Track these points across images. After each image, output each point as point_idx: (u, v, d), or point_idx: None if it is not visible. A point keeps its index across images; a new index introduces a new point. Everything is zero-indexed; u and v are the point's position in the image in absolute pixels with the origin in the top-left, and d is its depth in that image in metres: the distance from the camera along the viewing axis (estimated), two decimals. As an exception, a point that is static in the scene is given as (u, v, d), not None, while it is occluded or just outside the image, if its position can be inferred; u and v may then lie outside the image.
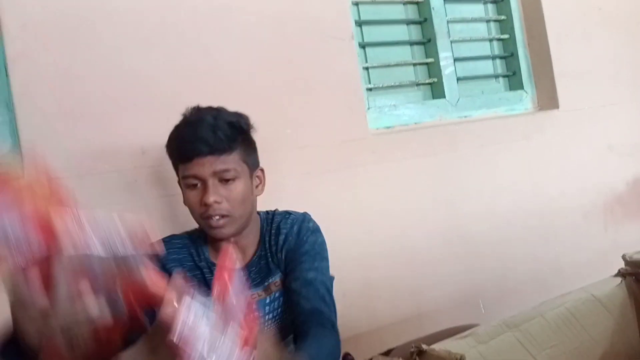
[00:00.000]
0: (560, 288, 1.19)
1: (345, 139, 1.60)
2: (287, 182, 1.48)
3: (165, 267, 1.10)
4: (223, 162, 1.05)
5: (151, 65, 1.36)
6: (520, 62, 2.00)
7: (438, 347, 0.84)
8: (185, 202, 1.09)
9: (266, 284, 1.13)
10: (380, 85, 1.77)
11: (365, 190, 1.62)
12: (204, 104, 1.11)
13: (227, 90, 1.42)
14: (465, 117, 1.89)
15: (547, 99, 1.98)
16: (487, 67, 2.01)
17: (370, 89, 1.75)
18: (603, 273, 1.17)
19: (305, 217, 1.18)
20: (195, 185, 1.06)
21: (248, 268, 1.14)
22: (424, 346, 0.82)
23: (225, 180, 1.06)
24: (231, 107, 1.10)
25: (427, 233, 1.70)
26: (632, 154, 2.10)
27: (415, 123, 1.80)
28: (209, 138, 1.04)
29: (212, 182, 1.05)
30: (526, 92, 2.00)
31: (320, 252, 1.14)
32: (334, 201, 1.57)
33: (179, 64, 1.39)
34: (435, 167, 1.74)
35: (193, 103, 1.10)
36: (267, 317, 1.13)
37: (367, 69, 1.76)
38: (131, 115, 1.33)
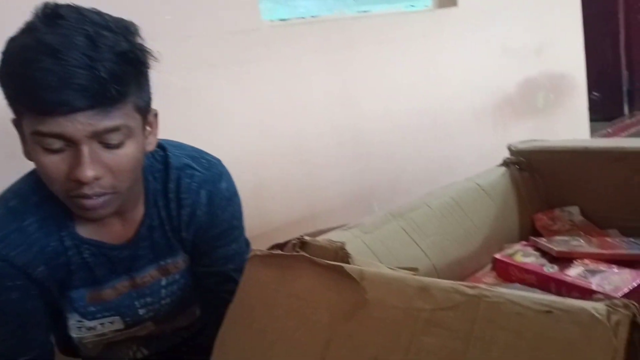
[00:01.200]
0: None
1: (235, 30, 1.47)
2: (169, 78, 1.34)
3: (31, 276, 0.80)
4: (109, 117, 0.70)
5: None
6: (422, -46, 1.91)
7: (321, 238, 0.80)
8: (37, 166, 0.74)
9: (162, 263, 0.88)
10: (275, -28, 1.63)
11: (257, 87, 1.52)
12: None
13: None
14: (365, 11, 1.80)
15: (447, -4, 1.93)
16: (388, -41, 1.91)
17: (263, -25, 1.60)
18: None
19: (215, 177, 0.87)
20: (57, 150, 0.70)
21: (136, 243, 0.85)
22: (306, 237, 0.78)
23: (112, 137, 0.71)
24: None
25: (322, 132, 1.65)
26: (525, 56, 2.14)
27: (312, 16, 1.69)
28: (88, 83, 0.66)
29: (89, 148, 0.70)
30: (426, -12, 1.94)
31: (238, 225, 0.91)
32: (223, 99, 1.46)
33: None
34: (332, 64, 1.66)
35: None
36: (162, 301, 0.91)
37: (259, -49, 1.60)
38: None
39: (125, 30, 0.72)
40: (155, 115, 0.82)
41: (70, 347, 0.94)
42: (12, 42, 0.70)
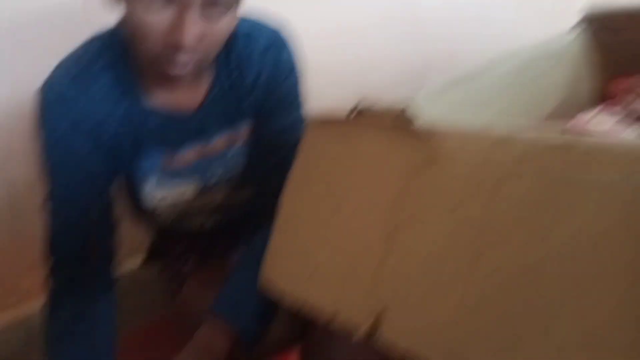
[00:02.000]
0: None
1: None
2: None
3: (100, 140, 0.79)
4: None
5: None
6: None
7: (379, 106, 0.76)
8: (132, 21, 0.70)
9: (231, 130, 0.88)
10: None
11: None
12: None
13: None
14: None
15: None
16: None
17: None
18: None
19: (280, 44, 0.86)
20: (159, 9, 0.67)
21: (205, 109, 0.85)
22: (363, 105, 0.73)
23: (214, 10, 0.69)
24: None
25: (371, 10, 1.54)
26: None
27: None
28: None
29: (193, 14, 0.68)
30: None
31: (297, 96, 0.90)
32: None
33: None
34: None
35: None
36: (233, 170, 0.92)
37: None
38: None
39: None
40: None
41: (142, 219, 0.98)
42: None
